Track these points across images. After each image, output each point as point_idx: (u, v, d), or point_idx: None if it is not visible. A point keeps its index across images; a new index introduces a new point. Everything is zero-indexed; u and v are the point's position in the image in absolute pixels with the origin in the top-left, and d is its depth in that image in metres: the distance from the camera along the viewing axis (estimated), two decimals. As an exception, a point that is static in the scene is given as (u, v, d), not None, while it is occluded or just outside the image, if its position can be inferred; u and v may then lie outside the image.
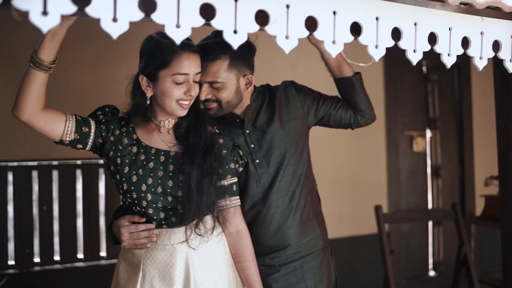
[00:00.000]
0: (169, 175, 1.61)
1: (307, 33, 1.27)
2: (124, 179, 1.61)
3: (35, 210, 3.03)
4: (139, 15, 1.09)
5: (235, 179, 1.71)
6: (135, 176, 1.60)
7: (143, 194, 1.59)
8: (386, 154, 4.02)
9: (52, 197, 3.04)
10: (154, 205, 1.61)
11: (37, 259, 3.05)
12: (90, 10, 1.05)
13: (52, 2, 1.02)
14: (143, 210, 1.61)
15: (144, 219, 1.63)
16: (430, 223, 4.20)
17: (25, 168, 3.02)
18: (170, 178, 1.61)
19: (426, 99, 4.25)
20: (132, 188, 1.60)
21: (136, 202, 1.61)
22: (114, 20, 1.07)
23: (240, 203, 1.72)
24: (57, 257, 3.09)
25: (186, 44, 1.57)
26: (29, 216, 3.01)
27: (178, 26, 1.12)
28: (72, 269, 3.09)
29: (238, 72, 1.70)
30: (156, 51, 1.56)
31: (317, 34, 1.29)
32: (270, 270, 1.82)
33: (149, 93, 1.61)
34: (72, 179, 3.12)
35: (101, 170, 3.21)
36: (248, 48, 1.70)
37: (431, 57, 1.36)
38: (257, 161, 1.78)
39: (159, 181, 1.60)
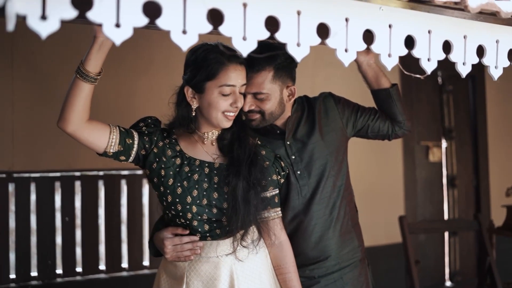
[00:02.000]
0: (214, 187, 1.61)
1: (364, 46, 1.29)
2: (168, 191, 1.60)
3: (58, 221, 3.01)
4: (207, 28, 1.10)
5: (276, 191, 1.71)
6: (179, 188, 1.59)
7: (188, 206, 1.59)
8: (403, 164, 4.03)
9: (74, 207, 3.02)
10: (199, 217, 1.60)
11: (59, 271, 3.03)
12: (161, 23, 1.06)
13: (124, 16, 1.03)
14: (187, 222, 1.61)
15: (187, 231, 1.62)
16: (446, 233, 4.20)
17: (47, 179, 3.01)
18: (215, 190, 1.60)
19: (442, 109, 4.28)
20: (177, 200, 1.59)
21: (180, 214, 1.60)
22: (184, 32, 1.07)
23: (281, 214, 1.72)
24: (79, 269, 3.07)
25: (233, 56, 1.58)
26: (51, 227, 3.00)
27: (244, 38, 1.13)
28: (94, 280, 3.08)
29: (282, 83, 1.71)
30: (203, 62, 1.56)
31: (374, 47, 1.30)
32: (310, 281, 1.81)
33: (194, 105, 1.61)
34: (94, 190, 3.11)
35: (123, 181, 3.21)
36: (291, 60, 1.71)
37: (446, 67, 1.39)
38: (298, 172, 1.78)
39: (204, 193, 1.60)
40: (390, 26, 1.32)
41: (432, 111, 4.21)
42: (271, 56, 1.62)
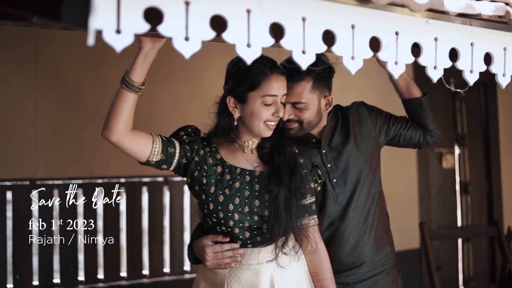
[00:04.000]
0: (255, 195, 1.63)
1: (412, 59, 1.32)
2: (210, 199, 1.63)
3: (80, 227, 3.02)
4: (270, 41, 1.13)
5: (314, 198, 1.74)
6: (221, 196, 1.62)
7: (230, 214, 1.61)
8: (417, 171, 4.07)
9: (96, 214, 3.04)
10: (241, 224, 1.63)
11: (81, 277, 3.04)
12: (227, 36, 1.09)
13: (193, 29, 1.06)
14: (228, 229, 1.63)
15: (227, 239, 1.65)
16: (459, 239, 4.23)
17: (69, 186, 3.02)
18: (257, 198, 1.63)
19: (455, 116, 4.32)
20: (219, 208, 1.62)
21: (222, 221, 1.63)
22: (248, 45, 1.11)
23: (318, 222, 1.74)
24: (100, 275, 3.08)
25: (275, 66, 1.62)
26: (73, 233, 3.01)
27: (304, 52, 1.16)
28: (116, 287, 3.09)
29: (320, 93, 1.74)
30: (246, 73, 1.60)
31: (421, 60, 1.34)
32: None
33: (236, 114, 1.64)
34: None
35: (144, 188, 3.23)
36: (329, 70, 1.75)
37: (459, 74, 1.43)
38: (334, 180, 1.81)
39: (246, 200, 1.63)
40: (435, 39, 1.36)
41: (445, 118, 4.25)
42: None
